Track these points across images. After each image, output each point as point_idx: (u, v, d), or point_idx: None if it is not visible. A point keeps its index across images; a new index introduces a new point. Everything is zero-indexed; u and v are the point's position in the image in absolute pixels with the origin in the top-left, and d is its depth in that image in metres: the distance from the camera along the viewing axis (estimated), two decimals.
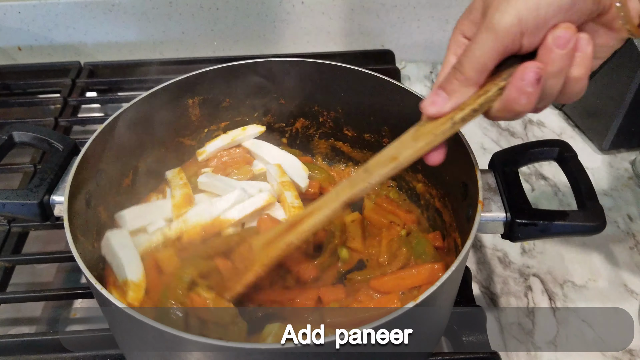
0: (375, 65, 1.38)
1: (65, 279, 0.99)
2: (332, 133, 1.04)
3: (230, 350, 0.55)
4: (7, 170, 1.09)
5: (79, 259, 0.64)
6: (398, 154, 0.67)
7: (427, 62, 1.51)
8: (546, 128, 1.30)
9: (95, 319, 0.92)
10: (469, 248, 0.65)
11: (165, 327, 0.55)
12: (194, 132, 1.00)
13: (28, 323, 0.92)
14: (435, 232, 0.91)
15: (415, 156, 0.66)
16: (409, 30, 1.44)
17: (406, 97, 0.88)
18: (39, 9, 1.34)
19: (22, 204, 0.73)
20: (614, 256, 1.00)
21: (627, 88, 1.10)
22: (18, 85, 1.34)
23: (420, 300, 0.58)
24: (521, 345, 0.87)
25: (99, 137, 0.80)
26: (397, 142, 0.67)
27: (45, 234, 1.03)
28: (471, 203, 0.74)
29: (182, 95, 0.94)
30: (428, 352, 0.77)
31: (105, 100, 1.34)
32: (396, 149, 0.67)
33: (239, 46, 1.45)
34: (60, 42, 1.41)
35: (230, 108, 1.00)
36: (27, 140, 0.82)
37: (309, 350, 0.55)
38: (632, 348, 0.86)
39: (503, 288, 0.95)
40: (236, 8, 1.37)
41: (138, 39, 1.42)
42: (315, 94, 0.99)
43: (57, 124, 1.21)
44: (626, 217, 1.07)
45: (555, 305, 0.93)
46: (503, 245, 1.02)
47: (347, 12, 1.40)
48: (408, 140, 0.66)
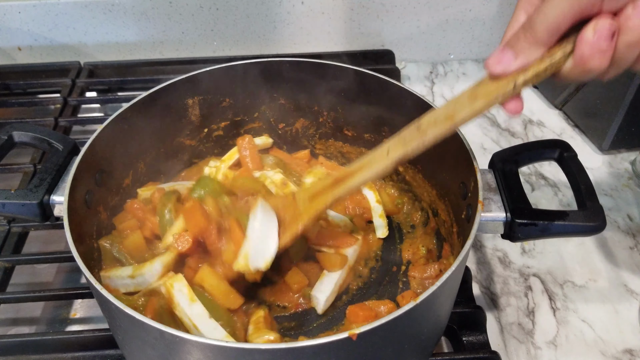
0: (375, 65, 1.39)
1: (65, 279, 0.99)
2: (332, 133, 1.05)
3: (230, 350, 0.55)
4: (7, 170, 1.09)
5: (78, 259, 0.64)
6: (454, 113, 0.63)
7: (427, 62, 1.51)
8: (546, 128, 1.30)
9: (95, 319, 0.92)
10: (469, 248, 0.65)
11: (165, 327, 0.55)
12: (194, 132, 1.00)
13: (28, 323, 0.92)
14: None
15: (472, 116, 0.62)
16: (409, 30, 1.44)
17: (406, 97, 0.88)
18: (39, 9, 1.34)
19: (22, 204, 0.73)
20: (614, 256, 1.00)
21: (627, 88, 1.10)
22: (18, 85, 1.34)
23: (420, 300, 0.58)
24: (521, 345, 0.87)
25: (99, 137, 0.80)
26: (452, 102, 0.64)
27: (45, 234, 1.03)
28: (471, 203, 0.74)
29: (182, 95, 0.94)
30: (428, 352, 0.77)
31: (105, 100, 1.34)
32: (452, 108, 0.64)
33: (239, 46, 1.45)
34: (60, 42, 1.41)
35: (230, 108, 1.00)
36: (27, 140, 0.82)
37: (309, 350, 0.55)
38: (632, 348, 0.86)
39: (503, 288, 0.95)
40: (236, 8, 1.37)
41: (138, 39, 1.42)
42: (315, 94, 0.99)
43: (57, 124, 1.21)
44: (626, 217, 1.07)
45: (555, 305, 0.93)
46: (503, 245, 1.02)
47: (347, 12, 1.40)
48: (465, 99, 0.63)
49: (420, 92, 0.92)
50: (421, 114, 0.87)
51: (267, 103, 1.02)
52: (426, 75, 1.47)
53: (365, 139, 1.01)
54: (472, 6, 1.40)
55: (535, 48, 0.56)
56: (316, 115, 1.03)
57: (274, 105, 1.02)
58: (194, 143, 1.01)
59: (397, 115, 0.92)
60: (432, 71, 1.48)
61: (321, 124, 1.04)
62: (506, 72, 0.58)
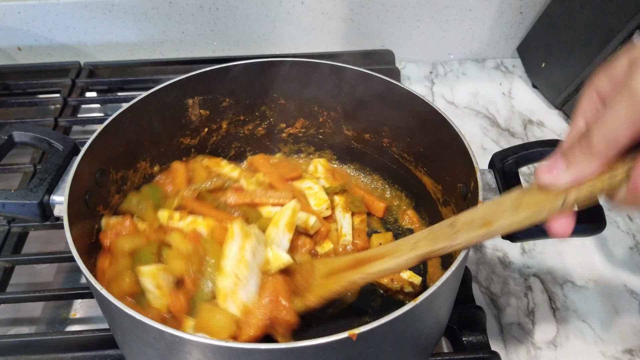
0: (375, 65, 1.39)
1: (65, 279, 0.99)
2: (332, 133, 1.04)
3: (230, 350, 0.55)
4: (7, 170, 1.09)
5: (78, 259, 0.64)
6: (493, 219, 0.58)
7: (427, 62, 1.51)
8: (546, 128, 1.30)
9: (95, 319, 0.92)
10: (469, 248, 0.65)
11: (165, 327, 0.55)
12: (194, 132, 1.00)
13: (28, 323, 0.92)
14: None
15: (511, 228, 0.57)
16: (409, 30, 1.44)
17: (406, 97, 0.88)
18: (39, 9, 1.34)
19: (22, 204, 0.73)
20: (614, 256, 1.00)
21: None
22: (18, 85, 1.34)
23: (420, 300, 0.58)
24: (521, 345, 0.87)
25: (99, 137, 0.80)
26: (494, 204, 0.59)
27: (45, 234, 1.03)
28: (471, 203, 0.74)
29: (182, 95, 0.94)
30: (428, 352, 0.77)
31: (105, 100, 1.34)
32: (491, 212, 0.58)
33: (239, 46, 1.45)
34: (60, 42, 1.41)
35: (230, 108, 1.00)
36: (27, 140, 0.82)
37: (309, 350, 0.55)
38: (632, 348, 0.86)
39: (503, 288, 0.95)
40: (236, 8, 1.37)
41: (138, 39, 1.42)
42: (315, 94, 0.99)
43: (57, 124, 1.21)
44: (626, 217, 1.07)
45: (555, 305, 0.93)
46: (503, 245, 1.02)
47: (347, 12, 1.40)
48: (508, 206, 0.57)
49: (420, 92, 0.92)
50: (421, 114, 0.87)
51: (267, 103, 1.02)
52: (426, 75, 1.47)
53: (365, 139, 1.01)
54: (472, 6, 1.40)
55: (590, 160, 0.49)
56: (316, 115, 1.03)
57: (274, 106, 1.02)
58: (194, 143, 1.01)
59: (397, 115, 0.92)
60: (432, 71, 1.48)
61: (321, 124, 1.04)
62: (554, 184, 0.52)
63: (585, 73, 1.21)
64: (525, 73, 1.45)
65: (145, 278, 0.74)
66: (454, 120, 0.80)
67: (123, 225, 0.83)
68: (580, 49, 1.23)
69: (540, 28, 1.40)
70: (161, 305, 0.74)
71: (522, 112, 1.34)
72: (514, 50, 1.50)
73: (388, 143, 0.98)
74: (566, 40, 1.29)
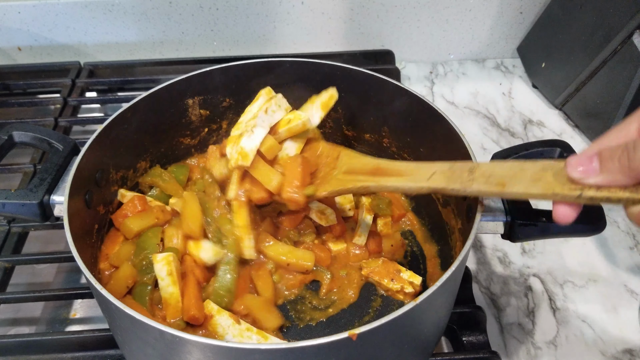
0: (375, 65, 1.39)
1: (65, 279, 0.99)
2: (332, 133, 1.04)
3: (230, 350, 0.55)
4: (7, 170, 1.09)
5: (79, 259, 0.64)
6: (510, 183, 0.59)
7: (427, 62, 1.51)
8: (546, 128, 1.30)
9: (95, 319, 0.92)
10: (469, 248, 0.65)
11: (165, 327, 0.55)
12: (194, 132, 1.00)
13: (28, 323, 0.92)
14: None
15: (521, 197, 0.59)
16: (409, 30, 1.44)
17: (406, 97, 0.88)
18: (39, 9, 1.34)
19: (22, 204, 0.73)
20: (614, 256, 1.00)
21: (627, 88, 1.10)
22: (18, 85, 1.34)
23: (420, 300, 0.58)
24: (521, 345, 0.87)
25: (99, 137, 0.80)
26: (517, 167, 0.60)
27: (45, 234, 1.03)
28: (471, 203, 0.74)
29: (182, 95, 0.94)
30: (428, 352, 0.77)
31: (105, 100, 1.34)
32: (511, 175, 0.59)
33: (238, 46, 1.45)
34: (60, 42, 1.41)
35: (230, 108, 1.00)
36: (27, 140, 0.82)
37: (309, 350, 0.55)
38: (632, 348, 0.86)
39: (503, 288, 0.95)
40: (236, 8, 1.37)
41: (138, 39, 1.42)
42: (315, 94, 0.99)
43: (57, 124, 1.21)
44: (626, 217, 1.07)
45: (555, 306, 0.93)
46: (503, 245, 1.02)
47: (347, 12, 1.40)
48: (528, 176, 0.58)
49: (420, 92, 0.92)
50: (421, 114, 0.87)
51: None
52: (426, 75, 1.47)
53: (365, 139, 1.01)
54: (472, 6, 1.40)
55: (625, 174, 0.50)
56: None
57: None
58: (194, 142, 1.01)
59: (397, 115, 0.92)
60: (432, 71, 1.48)
61: (321, 124, 1.03)
62: (581, 182, 0.53)
63: (585, 73, 1.21)
64: (525, 73, 1.45)
65: (159, 264, 0.76)
66: (454, 120, 0.80)
67: (135, 202, 0.87)
68: (580, 49, 1.23)
69: (540, 28, 1.40)
70: (171, 296, 0.76)
71: (522, 112, 1.34)
72: (514, 50, 1.50)
73: (388, 143, 0.98)
74: (566, 40, 1.29)
